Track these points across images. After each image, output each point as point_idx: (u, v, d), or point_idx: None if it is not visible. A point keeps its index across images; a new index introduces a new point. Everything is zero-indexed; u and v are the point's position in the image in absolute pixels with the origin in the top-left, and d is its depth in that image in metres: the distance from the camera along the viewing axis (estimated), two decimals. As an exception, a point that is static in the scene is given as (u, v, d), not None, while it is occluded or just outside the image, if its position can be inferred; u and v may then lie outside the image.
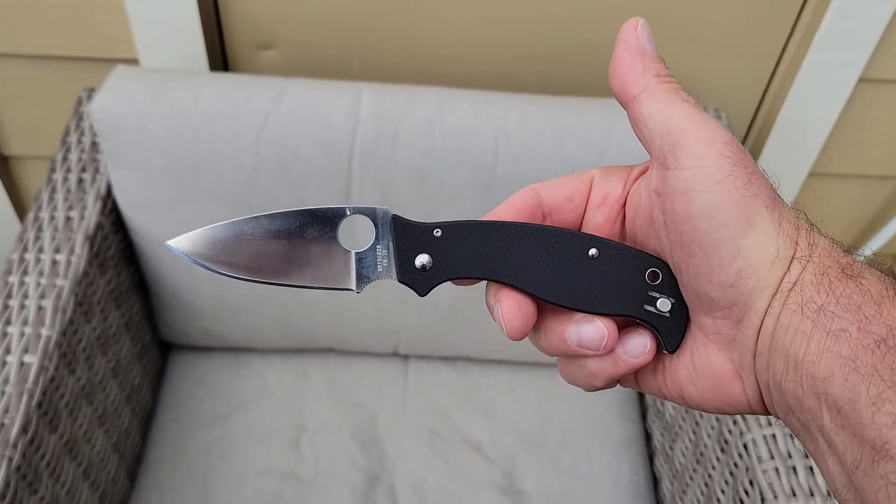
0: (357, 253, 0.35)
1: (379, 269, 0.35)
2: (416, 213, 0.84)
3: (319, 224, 0.35)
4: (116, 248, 0.87)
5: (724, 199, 0.31)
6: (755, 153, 1.06)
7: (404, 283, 0.35)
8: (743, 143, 1.08)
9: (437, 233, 0.35)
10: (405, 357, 1.01)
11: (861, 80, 0.97)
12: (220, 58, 0.98)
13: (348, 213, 0.35)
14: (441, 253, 0.35)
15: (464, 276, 0.35)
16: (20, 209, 1.14)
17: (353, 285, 0.35)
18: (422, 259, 0.35)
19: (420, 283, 0.35)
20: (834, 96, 0.99)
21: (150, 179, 0.82)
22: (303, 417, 0.95)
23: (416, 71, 0.97)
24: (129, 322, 0.90)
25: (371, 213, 0.35)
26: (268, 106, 0.79)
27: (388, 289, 0.91)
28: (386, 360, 1.01)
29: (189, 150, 0.80)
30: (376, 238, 0.35)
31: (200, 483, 0.90)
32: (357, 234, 0.35)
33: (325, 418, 0.95)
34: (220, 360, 1.00)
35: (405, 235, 0.35)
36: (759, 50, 0.97)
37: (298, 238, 0.34)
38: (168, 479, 0.90)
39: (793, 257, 0.31)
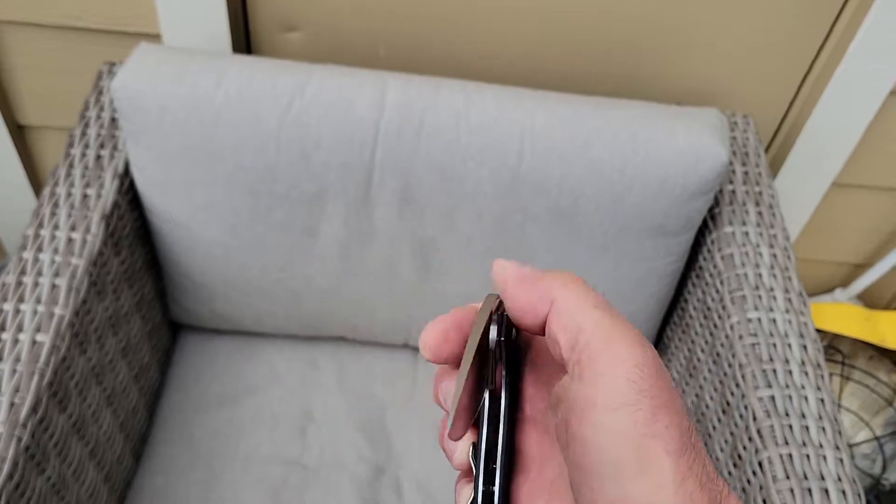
0: None
1: None
2: (437, 208, 0.83)
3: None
4: (131, 227, 0.86)
5: (617, 432, 0.27)
6: (779, 160, 1.04)
7: None
8: (767, 150, 1.06)
9: None
10: (416, 349, 1.01)
11: (893, 93, 0.96)
12: (244, 37, 0.96)
13: None
14: None
15: None
16: (34, 178, 1.13)
17: None
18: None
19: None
20: (864, 107, 0.98)
21: (168, 160, 0.81)
22: (310, 406, 0.95)
23: (441, 61, 0.95)
24: (141, 301, 0.89)
25: None
26: (292, 92, 0.78)
27: (402, 281, 0.90)
28: (396, 352, 1.00)
29: (210, 132, 0.78)
30: None
31: (205, 465, 0.89)
32: None
33: (332, 408, 0.95)
34: (230, 343, 0.99)
35: None
36: (791, 57, 0.96)
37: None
38: (173, 460, 0.90)
39: None
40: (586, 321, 0.29)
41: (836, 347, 1.18)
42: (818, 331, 1.18)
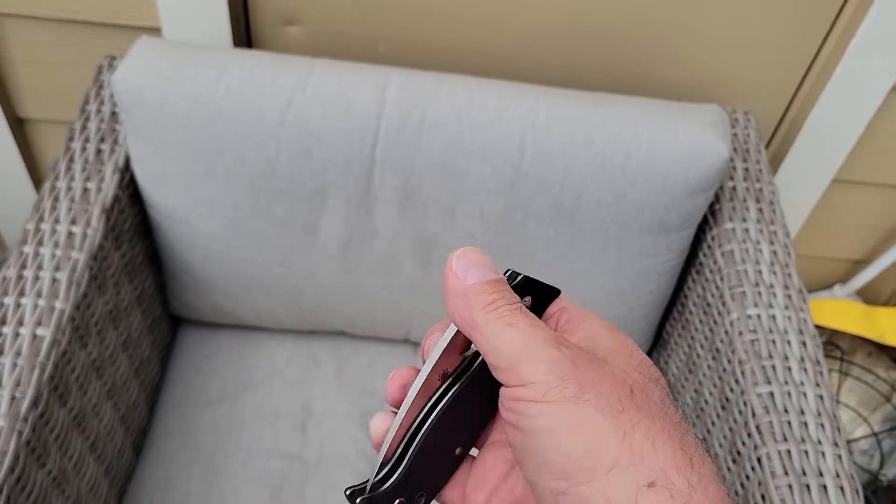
0: None
1: None
2: (438, 205, 0.83)
3: None
4: (132, 221, 0.86)
5: (550, 410, 0.30)
6: (779, 158, 1.04)
7: None
8: (767, 146, 1.06)
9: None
10: (416, 344, 1.01)
11: (894, 89, 0.96)
12: (244, 30, 0.96)
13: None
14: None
15: None
16: (33, 172, 1.13)
17: None
18: None
19: None
20: (865, 103, 0.97)
21: (169, 154, 0.81)
22: (310, 401, 0.95)
23: (442, 56, 0.95)
24: (141, 296, 0.89)
25: None
26: (292, 87, 0.78)
27: (403, 277, 0.90)
28: (396, 347, 1.00)
29: (210, 127, 0.78)
30: None
31: (205, 460, 0.90)
32: None
33: (332, 403, 0.95)
34: (230, 337, 0.99)
35: None
36: (792, 53, 0.95)
37: None
38: (173, 454, 0.90)
39: (652, 482, 0.28)
40: (503, 342, 0.32)
41: (835, 343, 1.18)
42: (817, 327, 1.19)
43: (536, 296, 0.36)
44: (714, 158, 0.77)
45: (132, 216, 0.86)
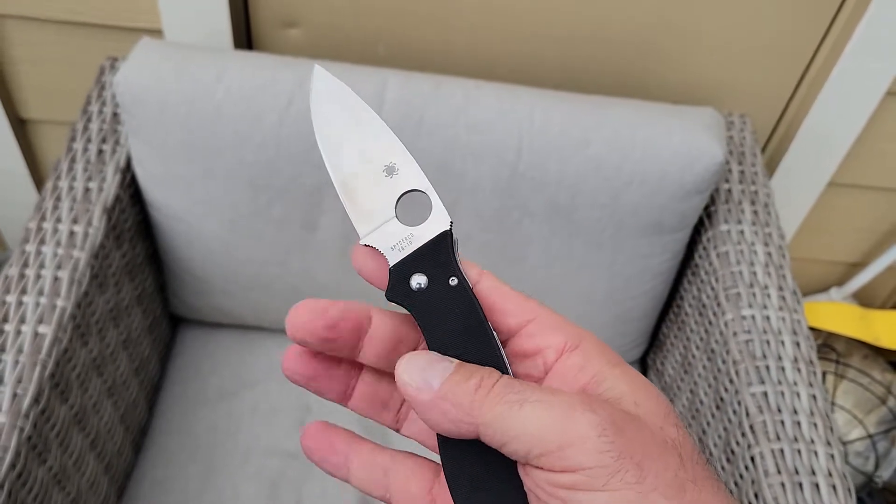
0: (396, 221, 0.33)
1: (387, 245, 0.33)
2: (435, 203, 0.83)
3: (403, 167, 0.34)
4: (133, 220, 0.87)
5: (613, 497, 0.26)
6: (776, 160, 1.05)
7: (389, 277, 0.33)
8: (763, 149, 1.07)
9: (453, 281, 0.32)
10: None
11: (889, 93, 0.96)
12: (245, 32, 0.97)
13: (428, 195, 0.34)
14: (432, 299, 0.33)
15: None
16: (35, 172, 1.14)
17: (360, 229, 0.33)
18: (416, 280, 0.33)
19: (396, 288, 0.33)
20: (861, 107, 0.98)
21: (169, 155, 0.81)
22: (308, 399, 0.95)
23: (440, 59, 0.96)
24: (142, 295, 0.90)
25: (441, 217, 0.34)
26: (291, 88, 0.79)
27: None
28: (394, 347, 1.01)
29: (210, 127, 0.79)
30: (414, 230, 0.33)
31: (204, 458, 0.90)
32: (408, 208, 0.35)
33: (330, 401, 0.95)
34: (229, 336, 1.00)
35: (434, 252, 0.33)
36: (788, 57, 0.96)
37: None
38: (172, 452, 0.91)
39: None
40: (521, 424, 0.28)
41: (830, 346, 1.19)
42: (813, 329, 1.19)
43: (425, 264, 0.33)
44: (709, 161, 0.78)
45: (133, 216, 0.87)
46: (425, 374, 0.29)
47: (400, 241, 0.33)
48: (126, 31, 0.95)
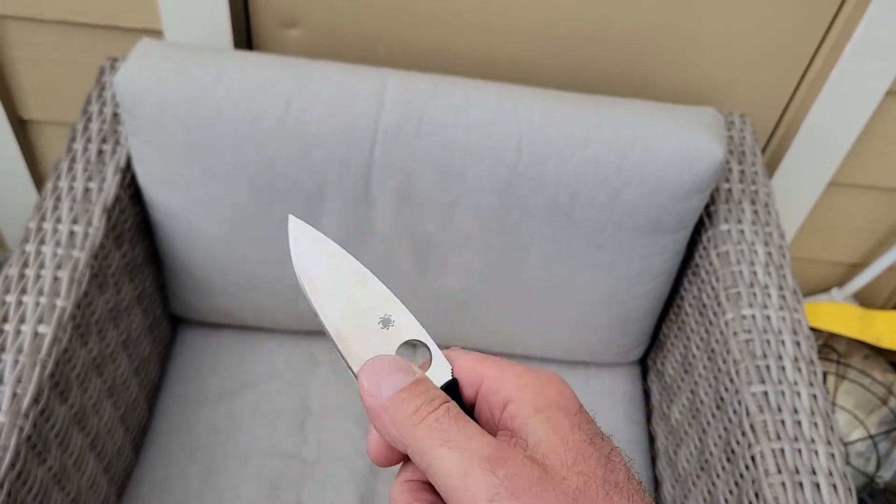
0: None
1: None
2: (435, 205, 0.83)
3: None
4: (133, 221, 0.87)
5: None
6: (776, 161, 1.05)
7: None
8: (764, 150, 1.07)
9: None
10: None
11: (889, 93, 0.96)
12: (245, 33, 0.97)
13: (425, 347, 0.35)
14: None
15: None
16: (35, 172, 1.14)
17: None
18: None
19: None
20: (861, 107, 0.98)
21: (169, 155, 0.81)
22: (309, 400, 0.95)
23: (440, 58, 0.96)
24: (142, 295, 0.90)
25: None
26: (291, 89, 0.79)
27: (401, 277, 0.91)
28: (394, 347, 1.01)
29: (210, 128, 0.79)
30: None
31: (204, 459, 0.90)
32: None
33: (330, 402, 0.95)
34: (229, 337, 1.00)
35: None
36: (788, 57, 0.96)
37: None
38: (172, 452, 0.91)
39: None
40: (435, 466, 0.29)
41: (831, 346, 1.19)
42: (814, 330, 1.19)
43: None
44: (708, 160, 0.78)
45: (133, 216, 0.87)
46: (381, 380, 0.31)
47: None
48: (126, 31, 0.95)
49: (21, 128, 1.08)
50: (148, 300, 0.93)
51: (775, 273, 0.80)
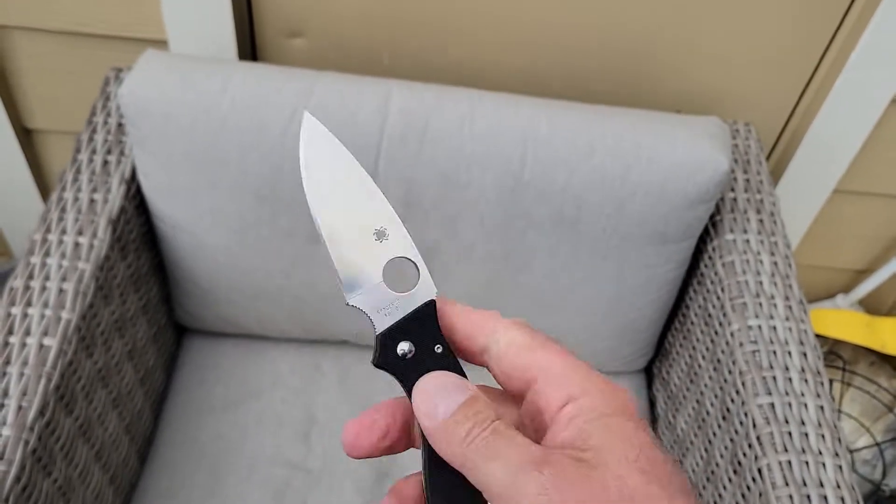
0: (383, 285, 0.34)
1: (374, 308, 0.34)
2: (440, 214, 0.83)
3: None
4: (138, 231, 0.87)
5: None
6: (780, 168, 1.05)
7: (377, 344, 0.34)
8: (768, 157, 1.07)
9: (439, 349, 0.34)
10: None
11: (894, 101, 0.96)
12: (249, 42, 0.97)
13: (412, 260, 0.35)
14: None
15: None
16: (40, 181, 1.14)
17: (344, 293, 0.34)
18: (403, 347, 0.34)
19: (383, 355, 0.34)
20: (866, 114, 0.98)
21: (174, 165, 0.81)
22: (314, 409, 0.95)
23: (445, 68, 0.96)
24: (147, 305, 0.90)
25: (423, 283, 0.34)
26: (296, 99, 0.79)
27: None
28: (399, 356, 1.01)
29: (215, 139, 0.79)
30: (400, 298, 0.34)
31: (209, 468, 0.90)
32: (395, 275, 0.35)
33: (335, 411, 0.95)
34: (235, 346, 1.00)
35: (420, 321, 0.34)
36: (793, 65, 0.96)
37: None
38: (178, 462, 0.91)
39: None
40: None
41: (837, 353, 1.18)
42: (819, 336, 1.19)
43: (413, 331, 0.34)
44: (713, 170, 0.78)
45: (138, 226, 0.87)
46: (435, 401, 0.32)
47: (386, 306, 0.34)
48: (132, 41, 0.96)
49: (26, 137, 1.08)
50: (153, 310, 0.93)
51: (781, 283, 0.80)
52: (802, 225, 1.13)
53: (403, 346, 0.33)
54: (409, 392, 0.33)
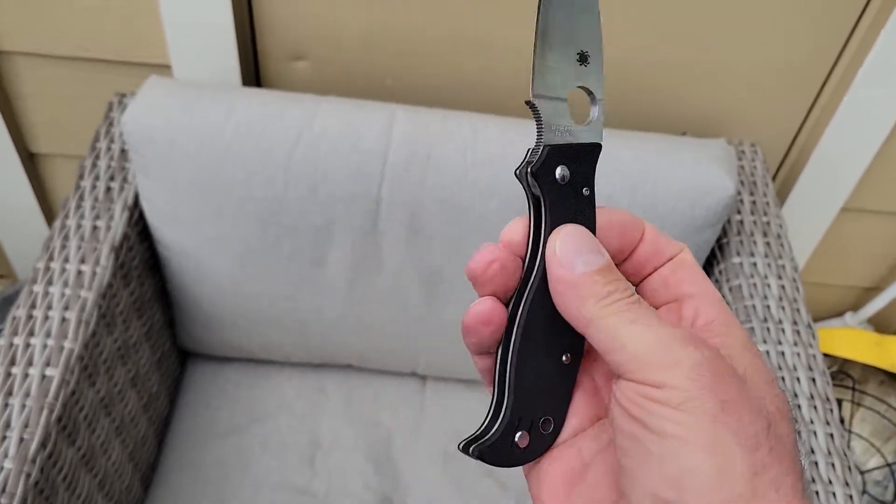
0: (565, 104, 0.33)
1: (549, 118, 0.33)
2: (444, 238, 0.83)
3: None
4: (141, 257, 0.86)
5: (687, 418, 0.27)
6: (787, 187, 1.04)
7: (531, 158, 0.33)
8: (775, 175, 1.06)
9: (586, 191, 0.33)
10: (423, 378, 1.00)
11: (901, 120, 0.95)
12: (253, 65, 0.97)
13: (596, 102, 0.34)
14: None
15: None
16: (44, 204, 1.14)
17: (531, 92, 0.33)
18: (561, 171, 0.33)
19: (543, 168, 0.32)
20: (873, 133, 0.97)
21: (178, 192, 0.81)
22: (318, 434, 0.95)
23: (448, 91, 0.96)
24: (150, 331, 0.90)
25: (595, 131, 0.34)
26: (300, 125, 0.78)
27: (409, 310, 0.90)
28: (404, 380, 1.00)
29: (219, 165, 0.79)
30: (573, 126, 0.33)
31: (214, 494, 0.90)
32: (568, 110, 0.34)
33: (340, 436, 0.95)
34: (239, 370, 0.99)
35: (584, 156, 0.33)
36: (798, 84, 0.95)
37: None
38: (182, 488, 0.90)
39: None
40: (627, 339, 0.29)
41: (846, 373, 1.17)
42: (828, 356, 1.18)
43: (574, 161, 0.33)
44: (720, 194, 0.77)
45: (141, 253, 0.86)
46: (576, 255, 0.31)
47: (560, 124, 0.33)
48: (135, 66, 0.96)
49: (30, 161, 1.08)
50: (156, 335, 0.92)
51: (789, 307, 0.79)
52: (810, 243, 1.12)
53: (561, 171, 0.33)
54: (539, 219, 0.33)
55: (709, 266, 0.88)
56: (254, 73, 0.98)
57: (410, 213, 0.81)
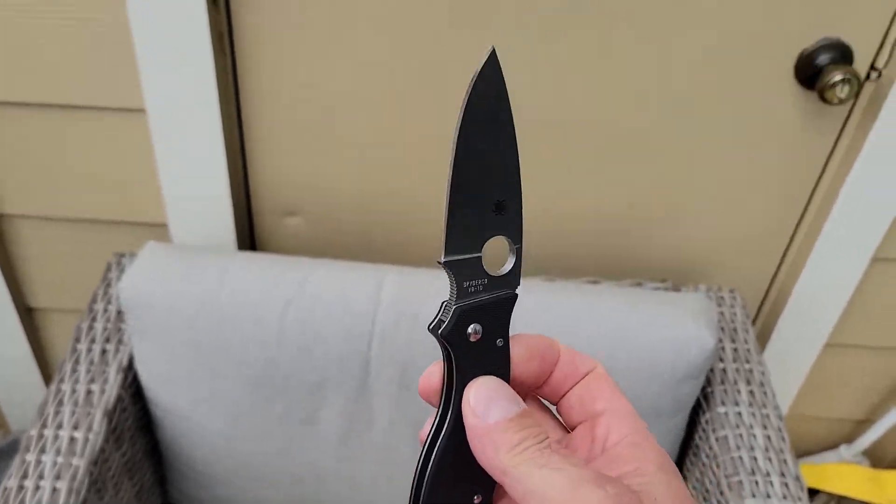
0: (480, 260, 0.34)
1: (462, 278, 0.33)
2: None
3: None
4: (134, 418, 0.87)
5: None
6: (768, 328, 1.07)
7: (443, 316, 0.34)
8: (756, 316, 1.08)
9: (500, 343, 0.34)
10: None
11: (875, 259, 0.99)
12: (247, 220, 1.01)
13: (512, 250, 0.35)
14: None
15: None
16: (40, 357, 1.15)
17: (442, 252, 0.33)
18: (473, 328, 0.33)
19: (455, 329, 0.33)
20: (848, 273, 1.00)
21: (173, 355, 0.83)
22: (310, 593, 0.93)
23: (436, 250, 0.99)
24: (140, 491, 0.90)
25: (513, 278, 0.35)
26: (293, 289, 0.81)
27: (401, 463, 0.90)
28: (397, 532, 0.99)
29: (214, 329, 0.81)
30: (490, 279, 0.34)
31: None
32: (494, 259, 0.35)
33: None
34: (229, 527, 0.98)
35: (497, 309, 0.34)
36: (773, 227, 0.99)
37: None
38: None
39: None
40: (537, 486, 0.30)
41: (843, 509, 1.16)
42: (823, 492, 1.17)
43: (487, 317, 0.33)
44: (700, 348, 0.79)
45: (134, 413, 0.87)
46: (489, 404, 0.32)
47: (473, 283, 0.34)
48: (133, 225, 0.99)
49: (28, 314, 1.10)
50: (147, 494, 0.92)
51: (776, 458, 0.80)
52: (797, 379, 1.13)
53: (473, 328, 0.33)
54: (451, 371, 0.33)
55: (695, 416, 0.89)
56: (248, 229, 1.02)
57: (400, 369, 0.83)
